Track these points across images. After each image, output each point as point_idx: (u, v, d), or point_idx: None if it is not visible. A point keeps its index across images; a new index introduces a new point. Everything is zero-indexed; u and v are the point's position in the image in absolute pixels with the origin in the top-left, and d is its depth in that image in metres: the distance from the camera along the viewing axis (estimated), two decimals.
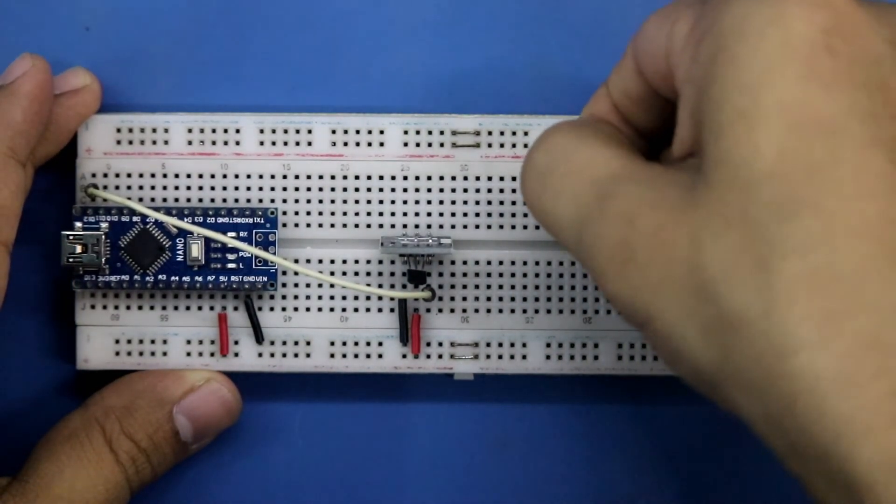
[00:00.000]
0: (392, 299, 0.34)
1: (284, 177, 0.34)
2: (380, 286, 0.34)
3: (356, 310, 0.34)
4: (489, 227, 0.34)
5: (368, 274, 0.34)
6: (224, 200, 0.34)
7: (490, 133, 0.34)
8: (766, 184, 0.22)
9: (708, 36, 0.24)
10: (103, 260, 0.33)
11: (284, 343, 0.34)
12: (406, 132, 0.34)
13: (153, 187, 0.34)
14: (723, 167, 0.22)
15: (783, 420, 0.22)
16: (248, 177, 0.34)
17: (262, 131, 0.34)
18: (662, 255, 0.23)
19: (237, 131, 0.34)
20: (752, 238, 0.22)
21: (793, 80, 0.22)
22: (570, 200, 0.26)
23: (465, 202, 0.34)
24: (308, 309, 0.34)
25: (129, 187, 0.34)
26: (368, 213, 0.34)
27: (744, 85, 0.22)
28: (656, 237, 0.23)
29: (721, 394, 0.23)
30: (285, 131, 0.34)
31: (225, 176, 0.34)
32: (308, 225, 0.34)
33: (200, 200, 0.34)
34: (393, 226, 0.34)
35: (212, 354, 0.34)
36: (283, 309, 0.34)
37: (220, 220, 0.33)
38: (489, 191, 0.34)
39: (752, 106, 0.22)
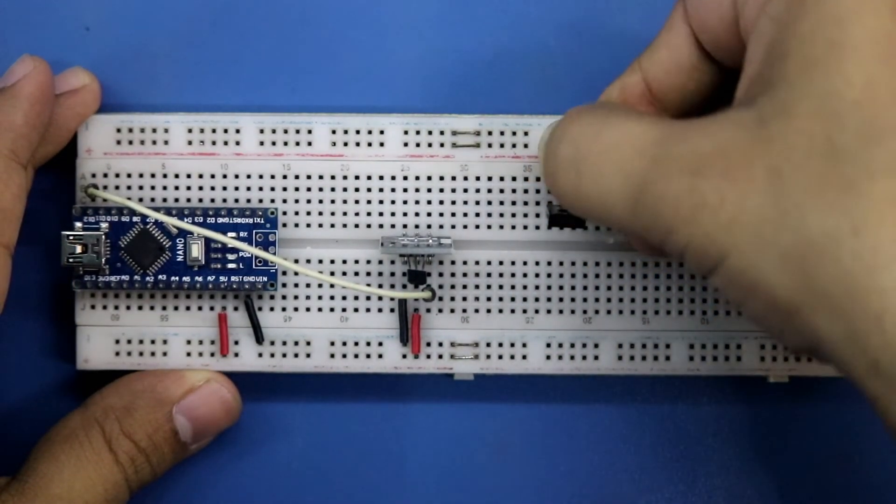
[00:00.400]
0: (392, 299, 0.34)
1: (284, 177, 0.34)
2: (380, 286, 0.34)
3: (356, 310, 0.34)
4: (489, 227, 0.34)
5: (368, 274, 0.34)
6: (224, 200, 0.34)
7: (490, 133, 0.34)
8: (853, 111, 0.23)
9: None
10: (103, 260, 0.33)
11: (284, 343, 0.34)
12: (406, 132, 0.34)
13: (153, 187, 0.34)
14: (809, 98, 0.23)
15: (869, 337, 0.22)
16: (248, 177, 0.34)
17: (262, 131, 0.34)
18: (735, 193, 0.24)
19: (237, 131, 0.34)
20: (838, 163, 0.22)
21: (884, 12, 0.23)
22: (615, 175, 0.26)
23: (465, 202, 0.34)
24: (308, 309, 0.34)
25: (129, 187, 0.34)
26: (368, 213, 0.34)
27: (835, 18, 0.23)
28: (727, 178, 0.24)
29: (798, 320, 0.23)
30: (285, 131, 0.34)
31: (225, 176, 0.34)
32: (308, 225, 0.34)
33: (200, 200, 0.34)
34: (393, 226, 0.34)
35: (212, 354, 0.34)
36: (283, 309, 0.34)
37: (220, 220, 0.33)
38: (489, 191, 0.34)
39: (844, 37, 0.23)
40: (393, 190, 0.34)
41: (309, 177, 0.34)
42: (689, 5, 0.28)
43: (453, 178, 0.34)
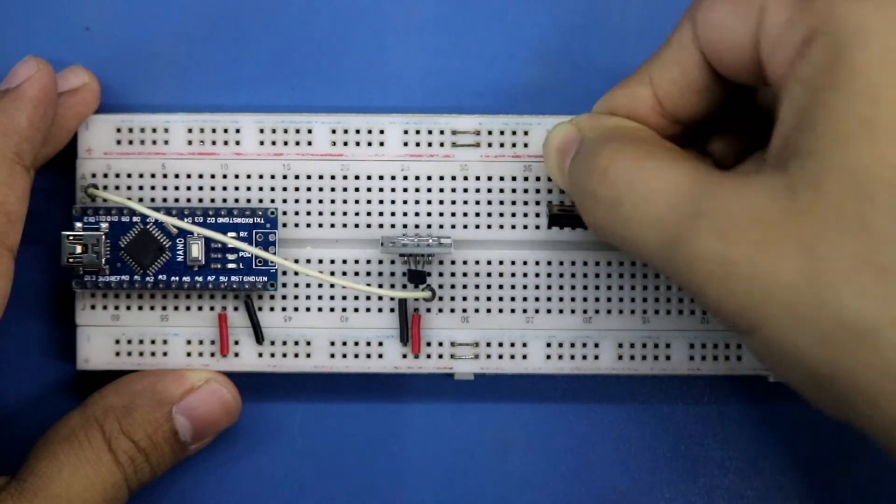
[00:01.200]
0: (392, 299, 0.34)
1: (284, 177, 0.34)
2: (380, 286, 0.34)
3: (356, 310, 0.34)
4: (489, 227, 0.34)
5: (368, 274, 0.34)
6: (224, 200, 0.34)
7: (490, 133, 0.34)
8: (886, 193, 0.22)
9: (820, 37, 0.23)
10: (103, 260, 0.33)
11: (284, 343, 0.34)
12: (406, 132, 0.34)
13: (153, 187, 0.34)
14: (840, 175, 0.23)
15: None
16: (248, 177, 0.34)
17: (262, 131, 0.34)
18: (768, 266, 0.23)
19: (237, 131, 0.34)
20: (874, 247, 0.22)
21: None
22: (650, 227, 0.26)
23: (465, 202, 0.34)
24: (308, 309, 0.34)
25: (129, 187, 0.34)
26: (368, 213, 0.34)
27: (867, 93, 0.23)
28: (760, 248, 0.23)
29: (836, 394, 0.23)
30: (285, 131, 0.34)
31: (225, 176, 0.34)
32: (308, 225, 0.34)
33: (200, 200, 0.34)
34: (393, 226, 0.34)
35: (212, 354, 0.34)
36: (283, 309, 0.34)
37: (220, 220, 0.33)
38: (489, 191, 0.34)
39: (876, 115, 0.22)
40: (393, 190, 0.34)
41: (309, 177, 0.34)
42: (700, 31, 0.27)
43: (453, 178, 0.34)
